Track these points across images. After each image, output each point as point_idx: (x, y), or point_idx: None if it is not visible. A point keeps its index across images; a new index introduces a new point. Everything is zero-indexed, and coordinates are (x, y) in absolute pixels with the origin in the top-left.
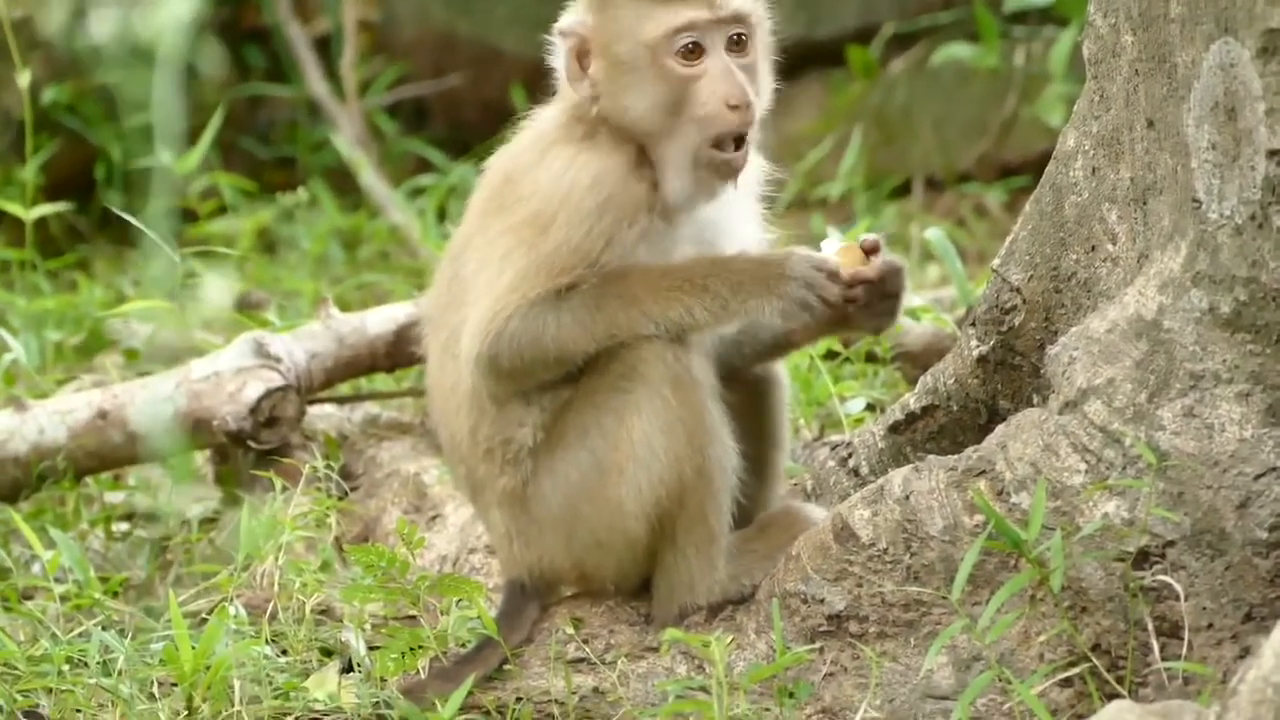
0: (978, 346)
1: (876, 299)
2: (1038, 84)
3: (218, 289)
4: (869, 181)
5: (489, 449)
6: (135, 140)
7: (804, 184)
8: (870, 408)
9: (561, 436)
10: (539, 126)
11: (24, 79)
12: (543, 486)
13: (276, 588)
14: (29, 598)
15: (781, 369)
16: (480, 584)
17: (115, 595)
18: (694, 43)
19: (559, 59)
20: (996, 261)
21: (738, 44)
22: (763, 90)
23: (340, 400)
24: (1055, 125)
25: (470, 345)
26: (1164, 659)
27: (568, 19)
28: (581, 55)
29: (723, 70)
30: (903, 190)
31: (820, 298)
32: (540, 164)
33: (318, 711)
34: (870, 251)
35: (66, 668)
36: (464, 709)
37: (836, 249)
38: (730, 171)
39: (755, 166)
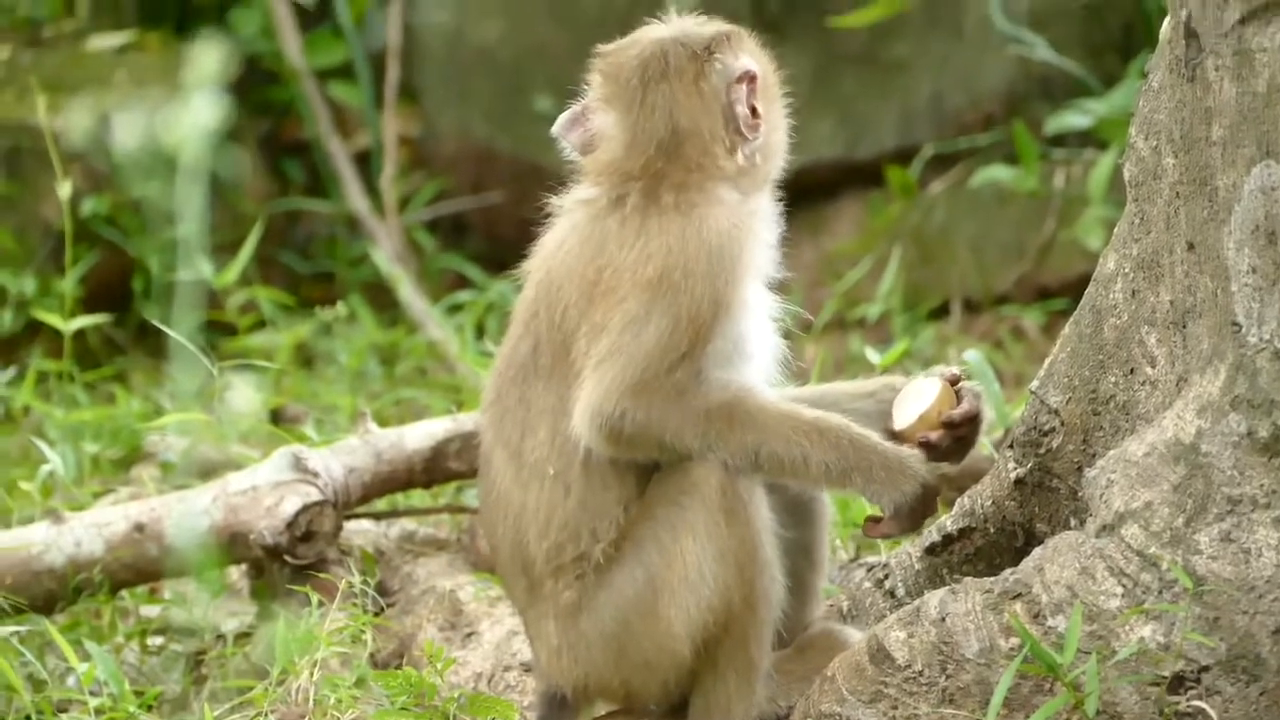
0: (1015, 469)
1: (958, 440)
2: (1077, 207)
3: (246, 397)
4: (907, 302)
5: (560, 564)
6: (173, 252)
7: (842, 304)
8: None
9: (620, 550)
10: (593, 213)
11: (64, 190)
12: (597, 600)
13: (311, 703)
14: (63, 710)
15: (824, 493)
16: (513, 704)
17: (149, 709)
18: None
19: (739, 106)
20: (1035, 384)
21: None
22: None
23: (377, 516)
24: (1094, 248)
25: (600, 401)
26: None
27: (733, 62)
28: (752, 94)
29: None
30: (941, 311)
31: (920, 517)
32: (643, 234)
33: None
34: (954, 383)
35: None
36: None
37: (935, 392)
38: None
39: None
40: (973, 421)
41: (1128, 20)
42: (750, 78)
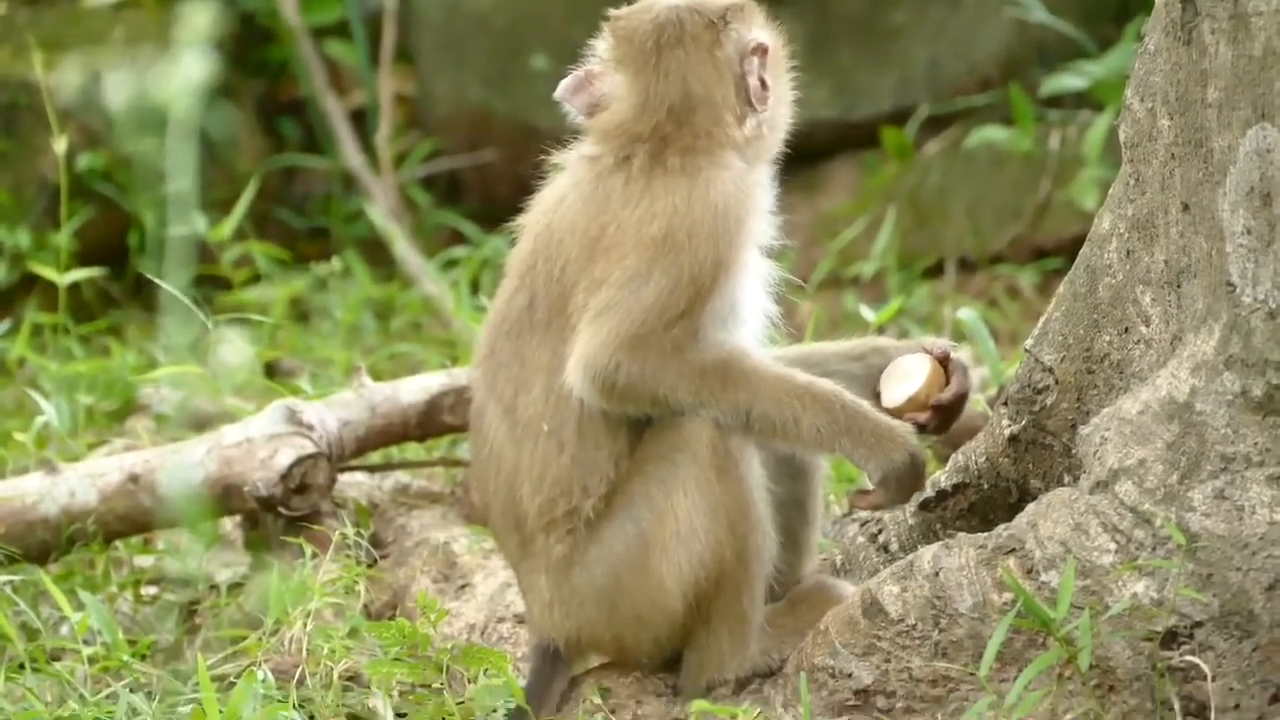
0: (1009, 426)
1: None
2: (1072, 168)
3: (237, 350)
4: (902, 261)
5: (553, 519)
6: (168, 208)
7: (838, 262)
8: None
9: (611, 506)
10: (597, 171)
11: (60, 145)
12: (589, 555)
13: (304, 653)
14: (57, 659)
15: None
16: (506, 654)
17: (143, 658)
18: None
19: (751, 77)
20: (1029, 342)
21: None
22: None
23: (371, 469)
24: (1089, 209)
25: (596, 355)
26: None
27: (746, 34)
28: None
29: None
30: (935, 271)
31: (908, 489)
32: (649, 194)
33: None
34: (943, 361)
35: None
36: None
37: (924, 372)
38: None
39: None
40: (961, 399)
41: None
42: (763, 50)
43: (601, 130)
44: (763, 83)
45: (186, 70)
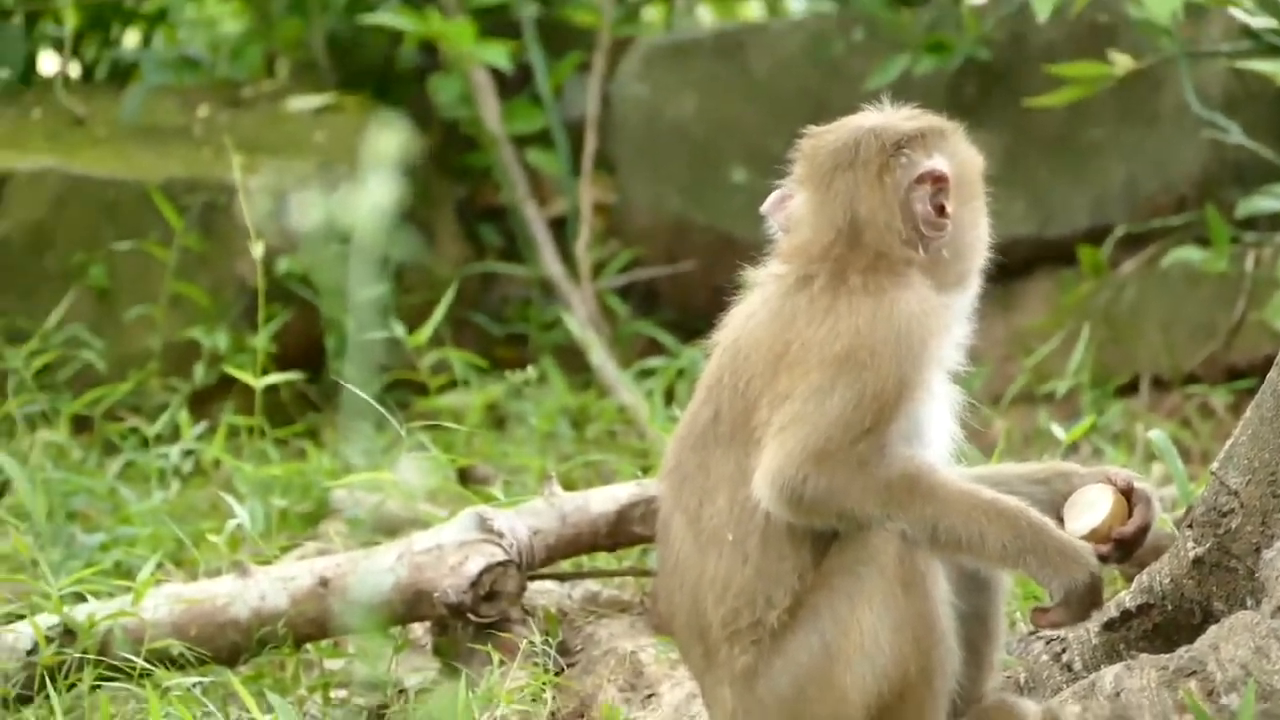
0: (1194, 548)
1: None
2: (1267, 288)
3: (417, 465)
4: (1096, 379)
5: (737, 630)
6: (366, 313)
7: (1031, 379)
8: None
9: (795, 618)
10: (784, 288)
11: (257, 250)
12: (774, 667)
13: None
14: None
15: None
16: None
17: None
18: None
19: (919, 204)
20: (1215, 464)
21: None
22: None
23: (561, 577)
24: None
25: (782, 466)
26: None
27: (921, 160)
28: (937, 194)
29: None
30: (1129, 389)
31: (1088, 608)
32: (833, 312)
33: None
34: (1126, 492)
35: None
36: None
37: (1108, 505)
38: None
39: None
40: (1143, 532)
41: None
42: (935, 178)
43: (787, 249)
44: (941, 209)
45: (372, 195)
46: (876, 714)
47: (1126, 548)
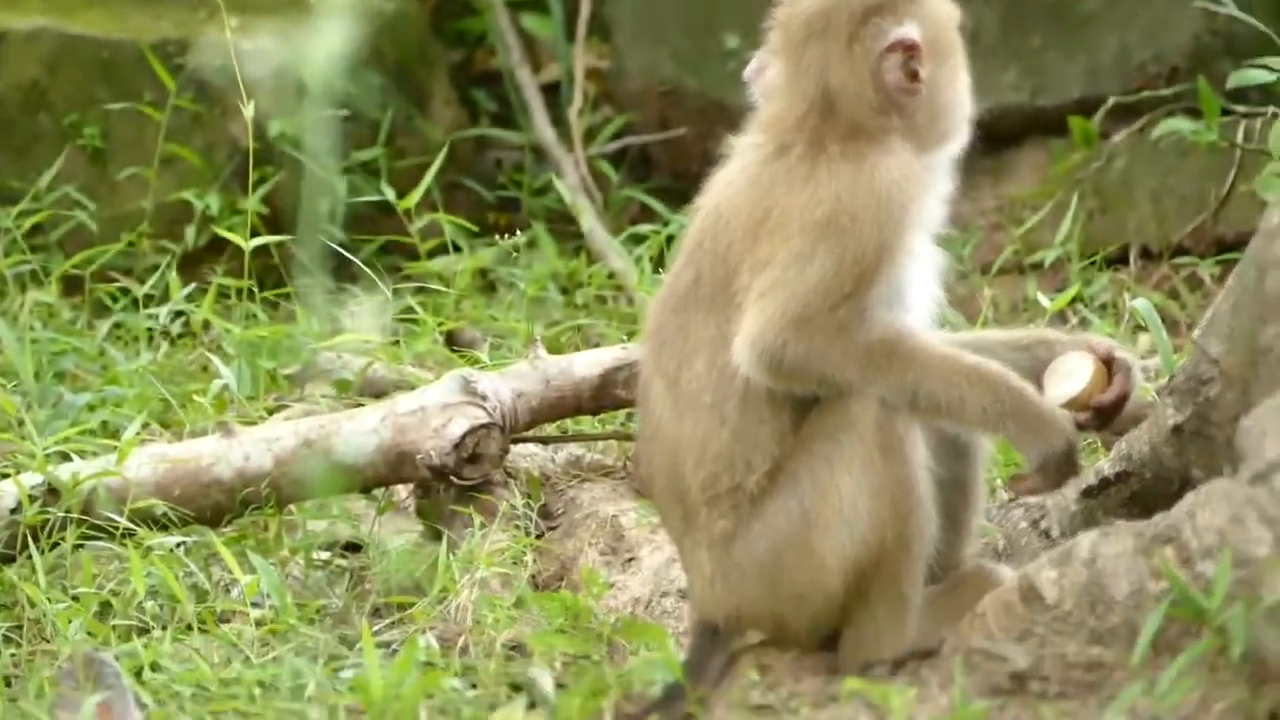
0: (1174, 416)
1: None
2: (1257, 161)
3: (368, 316)
4: (1084, 249)
5: (715, 494)
6: (357, 175)
7: (1020, 248)
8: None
9: (774, 483)
10: (762, 156)
11: (249, 111)
12: (751, 531)
13: (470, 622)
14: (225, 621)
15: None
16: (665, 629)
17: (311, 623)
18: None
19: (890, 74)
20: (1197, 333)
21: None
22: None
23: (544, 440)
24: (1272, 202)
25: (762, 331)
26: None
27: (890, 29)
28: (908, 62)
29: None
30: (1118, 260)
31: (1063, 476)
32: (813, 180)
33: None
34: (1107, 361)
35: (258, 691)
36: None
37: (1088, 373)
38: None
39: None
40: (1122, 401)
41: None
42: (906, 46)
43: (765, 118)
44: (914, 76)
45: (326, 39)
46: (854, 580)
47: (1105, 416)
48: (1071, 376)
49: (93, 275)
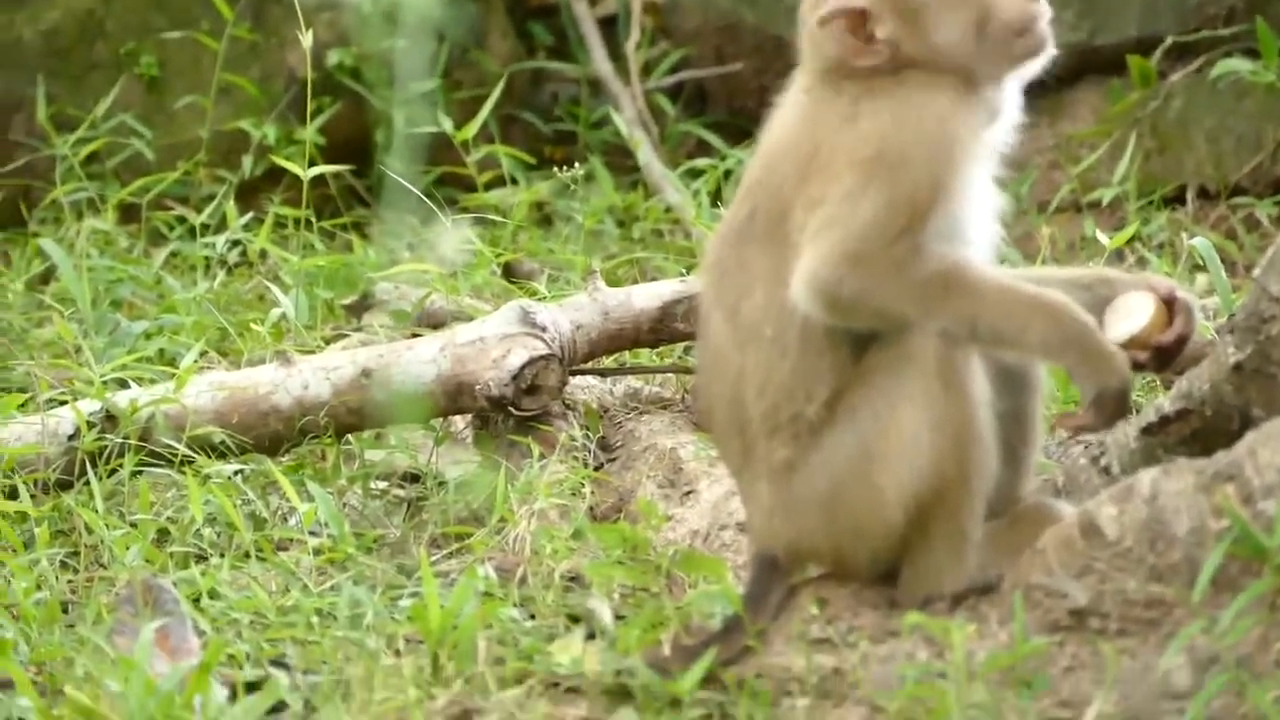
0: (1234, 354)
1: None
2: None
3: (452, 239)
4: (1142, 189)
5: (776, 425)
6: (416, 107)
7: (1078, 187)
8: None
9: (834, 415)
10: (817, 96)
11: (307, 40)
12: (810, 462)
13: (528, 552)
14: (283, 550)
15: (1040, 366)
16: (723, 561)
17: (368, 552)
18: None
19: (834, 41)
20: (1258, 271)
21: None
22: None
23: (603, 373)
24: None
25: (818, 269)
26: None
27: (832, 4)
28: (856, 30)
29: None
30: (1175, 200)
31: (1115, 416)
32: (858, 118)
33: (560, 676)
34: (1169, 301)
35: (315, 620)
36: (704, 683)
37: (1149, 312)
38: (1040, 45)
39: (1009, 122)
40: (1182, 342)
41: None
42: (843, 14)
43: (804, 63)
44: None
45: None
46: (914, 513)
47: (1164, 356)
48: (1131, 315)
49: (149, 203)
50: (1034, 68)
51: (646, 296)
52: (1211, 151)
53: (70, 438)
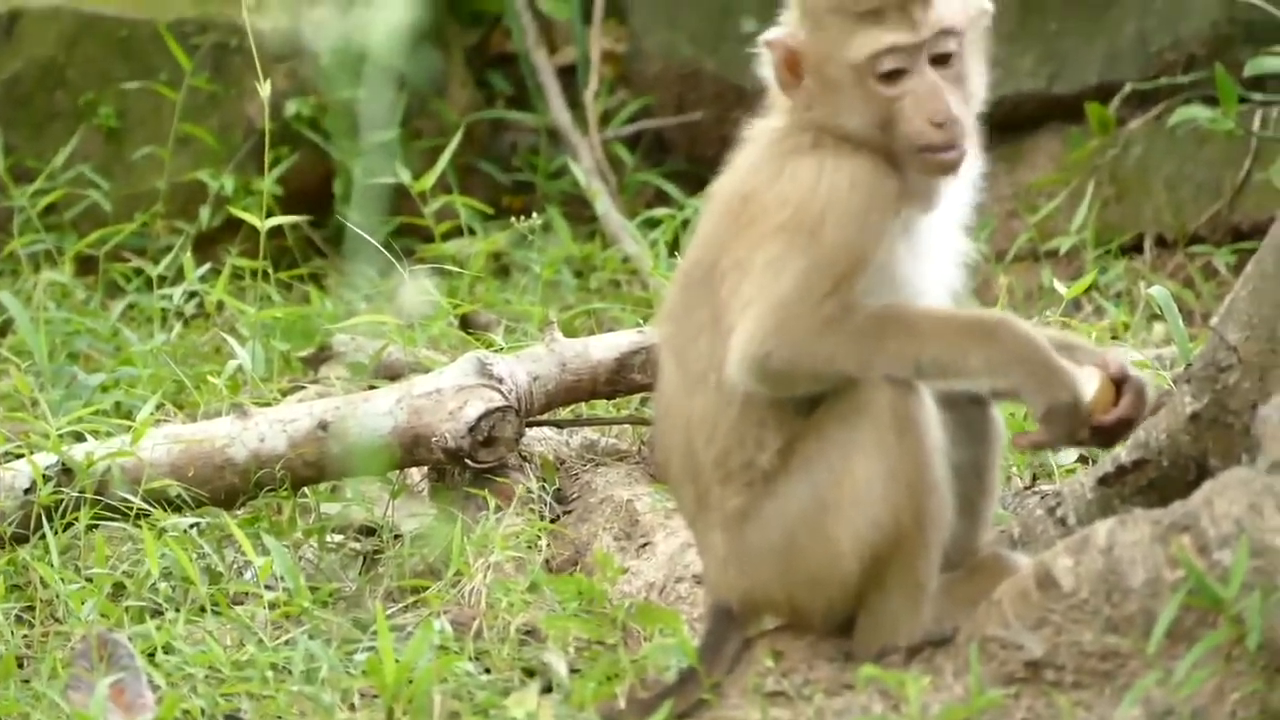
0: (1191, 404)
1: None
2: (1273, 150)
3: (413, 291)
4: (1100, 237)
5: (729, 472)
6: (374, 158)
7: (1035, 236)
8: (1083, 459)
9: (788, 464)
10: (761, 143)
11: (265, 90)
12: (765, 512)
13: (483, 605)
14: (239, 603)
15: (998, 416)
16: (678, 614)
17: (324, 605)
18: (895, 69)
19: (767, 69)
20: (1215, 320)
21: (943, 59)
22: (974, 92)
23: (559, 424)
24: None
25: (745, 346)
26: None
27: (776, 31)
28: (792, 65)
29: (927, 90)
30: (1133, 248)
31: (1068, 430)
32: (782, 175)
33: None
34: (1119, 382)
35: (270, 674)
36: None
37: (1094, 385)
38: (946, 167)
39: (972, 171)
40: (1126, 425)
41: None
42: (781, 46)
43: (770, 105)
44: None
45: (388, 14)
46: (869, 563)
47: (1105, 436)
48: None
49: (107, 255)
50: (947, 178)
51: (604, 348)
52: (1170, 199)
53: (26, 491)
